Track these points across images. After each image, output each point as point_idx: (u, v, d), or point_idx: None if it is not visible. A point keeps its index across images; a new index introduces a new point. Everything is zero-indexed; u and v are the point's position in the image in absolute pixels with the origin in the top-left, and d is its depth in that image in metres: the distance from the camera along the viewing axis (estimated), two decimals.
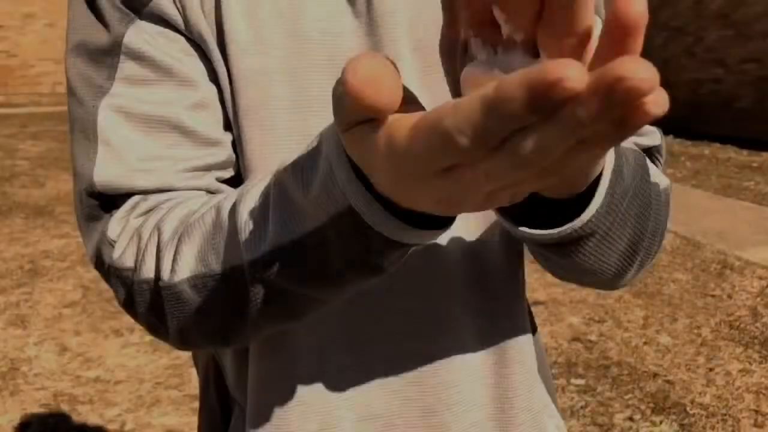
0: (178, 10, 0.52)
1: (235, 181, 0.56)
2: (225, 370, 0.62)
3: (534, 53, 0.27)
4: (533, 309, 2.75)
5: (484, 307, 0.60)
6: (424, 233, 0.36)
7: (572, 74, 0.20)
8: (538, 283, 3.75)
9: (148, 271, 0.47)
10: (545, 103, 0.21)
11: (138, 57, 0.52)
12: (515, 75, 0.21)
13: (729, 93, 10.59)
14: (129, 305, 0.50)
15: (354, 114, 0.28)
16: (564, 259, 0.45)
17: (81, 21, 0.54)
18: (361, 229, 0.36)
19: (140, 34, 0.52)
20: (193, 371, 2.78)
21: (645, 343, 3.06)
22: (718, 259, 4.22)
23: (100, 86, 0.52)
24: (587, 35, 0.25)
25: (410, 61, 0.55)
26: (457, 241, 0.58)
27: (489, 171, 0.25)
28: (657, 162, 0.58)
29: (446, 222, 0.37)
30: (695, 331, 3.20)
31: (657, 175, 0.51)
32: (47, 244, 4.43)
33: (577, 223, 0.40)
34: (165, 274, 0.46)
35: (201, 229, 0.45)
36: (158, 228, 0.47)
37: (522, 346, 0.62)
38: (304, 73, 0.54)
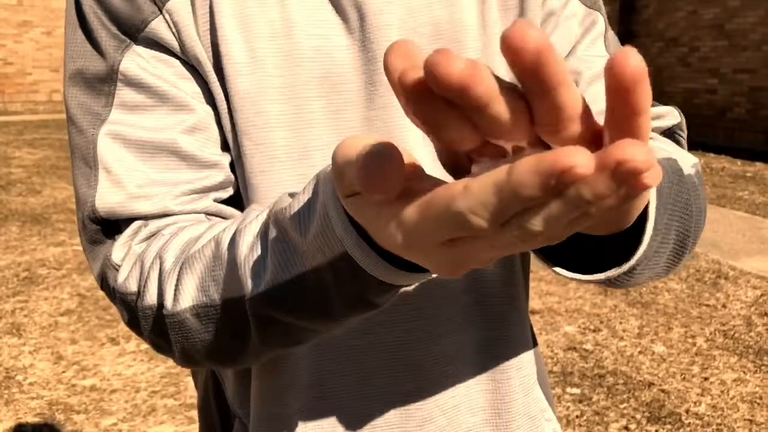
0: (174, 35, 0.53)
1: (234, 200, 0.57)
2: (225, 385, 0.63)
3: (539, 143, 0.27)
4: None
5: (483, 312, 0.61)
6: (418, 276, 0.38)
7: (582, 161, 0.22)
8: (533, 292, 3.76)
9: (151, 298, 0.49)
10: (557, 187, 0.22)
11: (134, 84, 0.53)
12: (527, 161, 0.23)
13: (723, 103, 10.65)
14: (134, 326, 0.52)
15: (355, 190, 0.30)
16: (609, 285, 0.47)
17: (78, 49, 0.55)
18: (357, 272, 0.37)
19: (136, 61, 0.53)
20: (190, 380, 2.77)
21: (640, 353, 3.07)
22: (712, 268, 4.24)
23: (98, 114, 0.53)
24: (581, 114, 0.25)
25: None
26: None
27: (494, 243, 0.26)
28: (681, 139, 0.59)
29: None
30: (690, 340, 3.21)
31: (685, 159, 0.52)
32: (43, 252, 4.42)
33: (625, 267, 0.42)
34: (168, 303, 0.47)
35: (202, 261, 0.46)
36: (160, 257, 0.49)
37: (520, 352, 0.63)
38: (300, 90, 0.55)
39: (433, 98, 0.24)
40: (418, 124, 0.26)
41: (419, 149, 0.57)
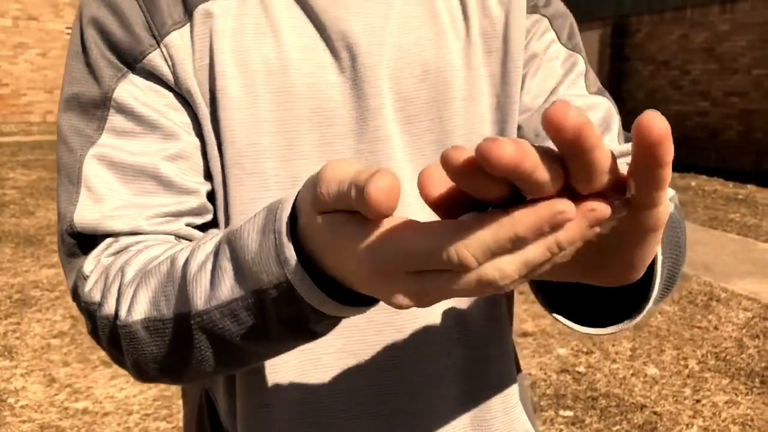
0: (169, 67, 0.56)
1: (210, 226, 0.59)
2: (217, 403, 0.65)
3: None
4: (522, 340, 2.76)
5: (465, 333, 0.63)
6: (353, 309, 0.39)
7: (569, 209, 0.27)
8: (527, 314, 3.77)
9: (109, 308, 0.51)
10: (543, 231, 0.27)
11: (125, 111, 0.56)
12: (526, 209, 0.27)
13: (715, 125, 10.76)
14: (95, 335, 0.54)
15: (345, 205, 0.31)
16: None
17: (76, 75, 0.57)
18: (295, 298, 0.39)
19: (130, 90, 0.56)
20: (181, 403, 2.77)
21: (633, 375, 3.08)
22: (704, 290, 4.26)
23: (89, 136, 0.56)
24: (610, 167, 0.28)
25: (392, 113, 0.59)
26: None
27: (459, 281, 0.29)
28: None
29: (374, 301, 0.40)
30: (682, 362, 3.23)
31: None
32: (36, 273, 4.41)
33: (637, 319, 0.45)
34: (122, 314, 0.49)
35: (157, 276, 0.48)
36: (122, 270, 0.51)
37: (502, 372, 0.65)
38: (293, 123, 0.57)
39: (478, 174, 0.27)
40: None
41: (405, 180, 0.60)
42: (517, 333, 3.51)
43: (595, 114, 0.62)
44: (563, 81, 0.63)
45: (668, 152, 0.27)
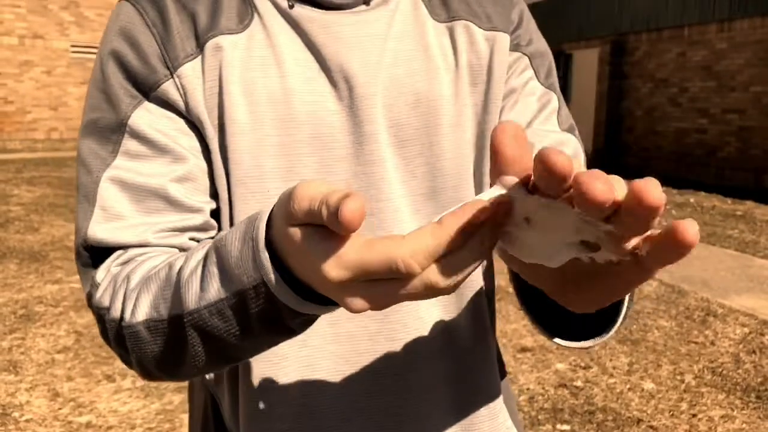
0: (181, 96, 0.62)
1: None
2: (222, 406, 0.70)
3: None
4: (521, 355, 2.81)
5: (453, 345, 0.69)
6: (322, 308, 0.45)
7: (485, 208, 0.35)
8: (525, 329, 3.81)
9: (115, 312, 0.57)
10: (472, 231, 0.35)
11: (138, 136, 0.62)
12: (452, 213, 0.35)
13: (713, 142, 10.82)
14: (104, 336, 0.60)
15: (313, 219, 0.37)
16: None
17: (95, 102, 0.64)
18: (272, 298, 0.44)
19: (144, 116, 0.62)
20: (185, 417, 2.80)
21: (629, 389, 3.11)
22: (701, 306, 4.30)
23: (105, 159, 0.62)
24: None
25: (386, 138, 0.64)
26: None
27: (408, 286, 0.36)
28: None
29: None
30: (679, 377, 3.26)
31: None
32: (41, 289, 4.46)
33: (605, 336, 0.54)
34: (127, 316, 0.55)
35: (156, 282, 0.54)
36: (128, 278, 0.57)
37: (487, 378, 0.71)
38: (294, 147, 0.63)
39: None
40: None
41: (398, 199, 0.65)
42: (516, 349, 3.55)
43: (565, 149, 0.68)
44: (538, 116, 0.69)
45: (656, 218, 0.31)
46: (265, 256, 0.43)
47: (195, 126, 0.63)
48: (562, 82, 14.96)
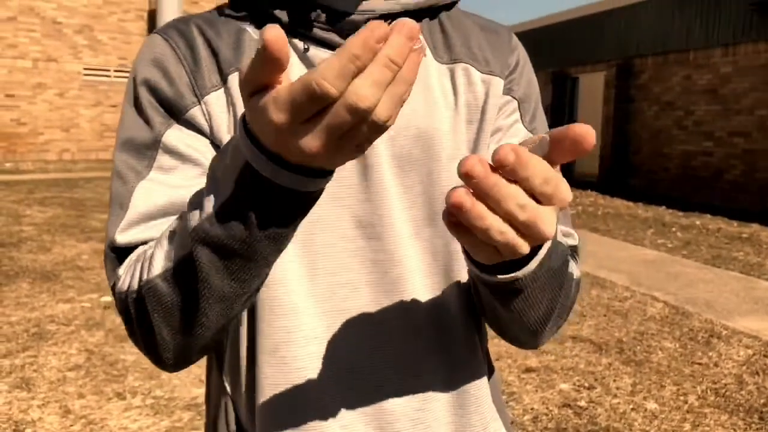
0: (206, 121, 0.70)
1: None
2: (238, 404, 0.76)
3: None
4: (525, 376, 2.87)
5: (444, 342, 0.75)
6: (305, 180, 0.48)
7: (384, 27, 0.40)
8: (531, 350, 3.85)
9: (134, 282, 0.61)
10: (375, 49, 0.39)
11: (171, 152, 0.69)
12: (357, 34, 0.39)
13: (719, 165, 10.86)
14: (128, 322, 0.64)
15: (259, 77, 0.42)
16: (503, 308, 0.62)
17: (131, 123, 0.71)
18: (258, 179, 0.49)
19: (176, 134, 0.69)
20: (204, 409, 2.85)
21: (633, 410, 3.14)
22: (705, 327, 4.33)
23: (140, 172, 0.69)
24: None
25: (389, 168, 0.71)
26: (421, 294, 0.74)
27: (339, 117, 0.41)
28: (575, 258, 0.76)
29: (324, 174, 0.49)
30: (682, 398, 3.29)
31: (574, 267, 0.69)
32: (53, 308, 4.53)
33: (519, 274, 0.57)
34: (144, 276, 0.60)
35: (167, 236, 0.60)
36: (145, 252, 0.64)
37: (476, 374, 0.77)
38: None
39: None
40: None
41: (400, 224, 0.72)
42: (520, 369, 3.59)
43: None
44: None
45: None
46: (241, 132, 0.49)
47: (218, 147, 0.70)
48: (568, 105, 15.06)
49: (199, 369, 3.49)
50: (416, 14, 0.75)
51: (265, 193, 0.50)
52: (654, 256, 6.62)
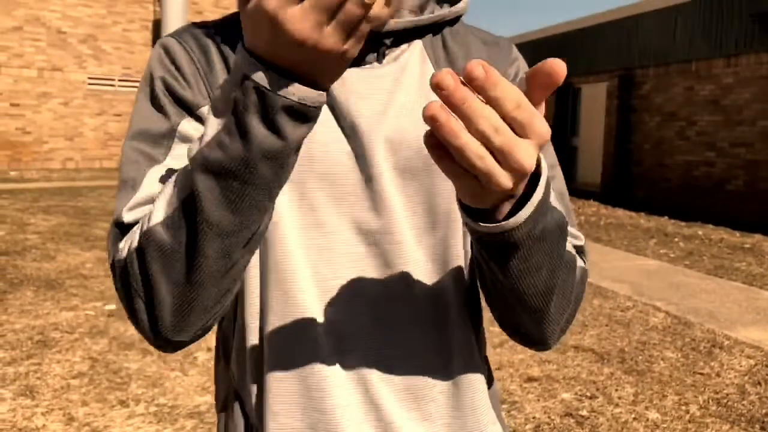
0: None
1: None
2: (245, 402, 0.78)
3: None
4: (527, 385, 2.89)
5: (443, 346, 0.77)
6: (302, 89, 0.51)
7: None
8: (533, 359, 3.86)
9: (135, 240, 0.62)
10: None
11: (186, 140, 0.72)
12: None
13: (721, 175, 10.87)
14: (126, 287, 0.63)
15: None
16: (501, 273, 0.61)
17: (146, 115, 0.73)
18: (256, 93, 0.51)
19: (191, 125, 0.72)
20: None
21: (635, 419, 3.15)
22: (707, 338, 4.33)
23: (155, 158, 0.71)
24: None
25: (391, 179, 0.73)
26: (421, 300, 0.76)
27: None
28: (583, 257, 0.77)
29: (316, 87, 0.53)
30: (684, 407, 3.29)
31: (577, 256, 0.69)
32: (57, 316, 4.55)
33: (511, 221, 0.55)
34: (145, 227, 0.60)
35: (171, 182, 0.61)
36: (146, 214, 0.63)
37: (473, 369, 0.79)
38: (306, 181, 0.73)
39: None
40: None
41: (404, 232, 0.74)
42: (522, 378, 3.60)
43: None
44: None
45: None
46: (242, 52, 0.51)
47: None
48: (570, 116, 15.10)
49: (201, 377, 3.51)
50: (421, 30, 0.77)
51: (261, 105, 0.52)
52: (656, 266, 6.63)
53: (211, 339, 4.07)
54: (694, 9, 11.42)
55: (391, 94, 0.75)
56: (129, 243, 0.63)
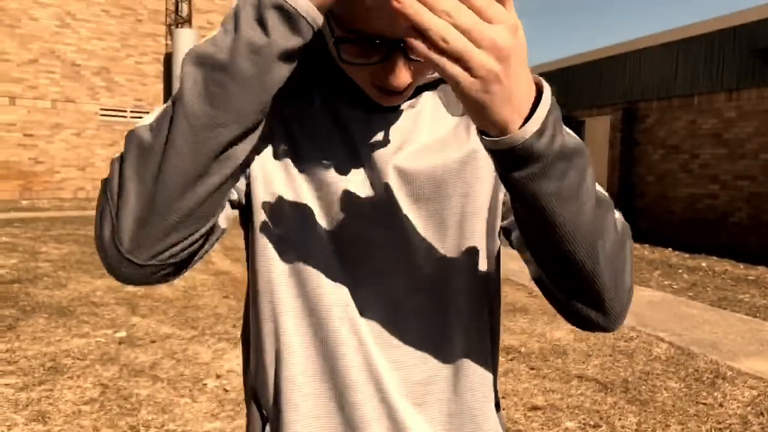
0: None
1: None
2: (260, 398, 0.85)
3: None
4: (531, 414, 2.94)
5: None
6: None
7: None
8: (537, 389, 3.90)
9: (116, 163, 0.66)
10: None
11: None
12: None
13: (725, 207, 10.92)
14: (100, 202, 0.67)
15: None
16: (535, 200, 0.61)
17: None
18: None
19: None
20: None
21: None
22: (711, 368, 4.37)
23: None
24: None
25: (404, 201, 0.80)
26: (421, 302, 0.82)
27: None
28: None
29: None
30: None
31: (613, 206, 0.71)
32: (68, 343, 4.63)
33: (520, 132, 0.58)
34: (132, 131, 0.66)
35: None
36: None
37: (481, 374, 0.85)
38: (322, 199, 0.80)
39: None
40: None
41: (410, 228, 0.81)
42: (527, 407, 3.64)
43: None
44: None
45: None
46: None
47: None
48: None
49: (211, 404, 3.57)
50: (437, 82, 0.85)
51: (258, 2, 0.62)
52: (660, 297, 6.67)
53: (220, 366, 4.14)
54: (695, 44, 11.61)
55: (407, 134, 0.82)
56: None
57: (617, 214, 0.73)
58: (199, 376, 3.98)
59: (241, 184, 0.80)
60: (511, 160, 0.60)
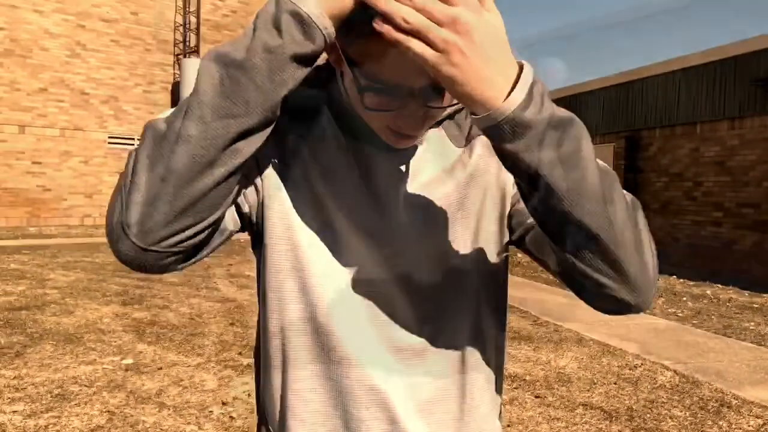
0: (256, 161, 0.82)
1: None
2: (267, 414, 0.90)
3: None
4: None
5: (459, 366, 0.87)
6: (308, 2, 0.66)
7: None
8: (541, 416, 3.90)
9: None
10: None
11: None
12: None
13: (729, 235, 10.93)
14: (116, 190, 0.70)
15: None
16: (537, 168, 0.66)
17: None
18: (274, 6, 0.67)
19: None
20: None
21: None
22: (716, 397, 4.37)
23: None
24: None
25: (408, 222, 0.85)
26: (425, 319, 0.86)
27: None
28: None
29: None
30: None
31: (617, 183, 0.73)
32: (75, 370, 4.65)
33: (511, 98, 0.64)
34: (150, 123, 0.70)
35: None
36: None
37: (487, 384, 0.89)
38: (329, 210, 0.84)
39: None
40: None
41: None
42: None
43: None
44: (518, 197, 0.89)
45: None
46: None
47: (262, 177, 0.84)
48: None
49: (217, 431, 3.59)
50: (444, 118, 0.90)
51: (276, 6, 0.67)
52: (664, 325, 6.67)
53: (226, 393, 4.16)
54: (697, 73, 11.73)
55: (416, 163, 0.87)
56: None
57: (629, 196, 0.76)
58: (206, 403, 4.01)
59: (252, 196, 0.84)
60: (502, 132, 0.65)
